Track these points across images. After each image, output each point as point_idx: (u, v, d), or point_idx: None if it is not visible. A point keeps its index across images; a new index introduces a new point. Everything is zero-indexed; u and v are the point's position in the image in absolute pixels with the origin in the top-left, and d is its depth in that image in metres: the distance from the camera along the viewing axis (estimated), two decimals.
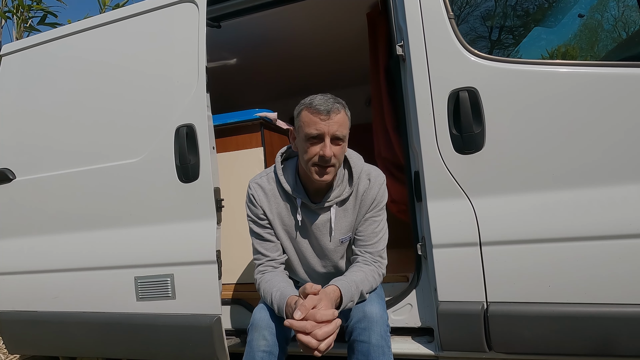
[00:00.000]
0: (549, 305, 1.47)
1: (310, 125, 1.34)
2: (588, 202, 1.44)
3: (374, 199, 1.50)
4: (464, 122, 1.55)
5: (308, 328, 1.14)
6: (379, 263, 1.50)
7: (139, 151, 2.00)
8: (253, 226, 1.55)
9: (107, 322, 2.02)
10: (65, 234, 2.15)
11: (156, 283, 1.93)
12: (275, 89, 3.73)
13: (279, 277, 1.47)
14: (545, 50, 1.68)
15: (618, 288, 1.42)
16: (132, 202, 2.01)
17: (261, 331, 1.33)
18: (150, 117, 1.99)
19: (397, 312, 1.79)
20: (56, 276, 2.15)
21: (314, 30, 2.64)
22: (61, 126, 2.18)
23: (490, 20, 1.71)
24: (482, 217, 1.55)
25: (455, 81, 1.58)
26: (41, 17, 6.08)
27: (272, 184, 1.52)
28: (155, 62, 2.01)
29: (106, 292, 2.03)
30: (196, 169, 1.87)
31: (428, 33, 1.63)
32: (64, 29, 2.27)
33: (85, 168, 2.11)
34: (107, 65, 2.10)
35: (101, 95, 2.10)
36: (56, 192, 2.17)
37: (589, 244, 1.44)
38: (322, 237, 1.52)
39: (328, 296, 1.25)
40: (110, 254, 2.04)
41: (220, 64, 2.98)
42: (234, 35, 2.57)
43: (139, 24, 2.08)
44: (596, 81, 1.45)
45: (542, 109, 1.49)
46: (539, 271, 1.48)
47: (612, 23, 1.65)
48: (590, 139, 1.45)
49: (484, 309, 1.54)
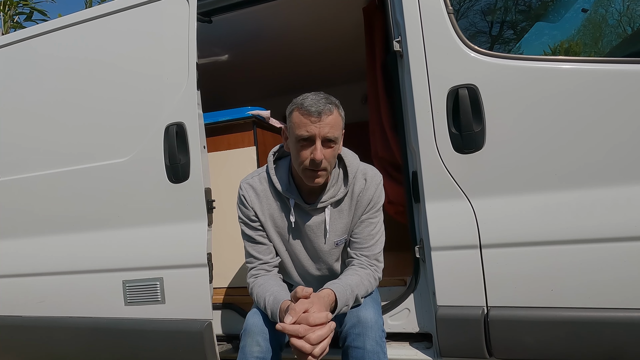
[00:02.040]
0: (552, 310, 1.46)
1: (300, 127, 1.33)
2: (591, 203, 1.43)
3: (370, 200, 1.48)
4: (464, 121, 1.54)
5: (301, 332, 1.12)
6: (375, 267, 1.49)
7: (127, 151, 1.98)
8: (245, 228, 1.53)
9: (94, 327, 2.00)
10: (51, 236, 2.14)
11: (145, 287, 1.91)
12: (268, 86, 3.72)
13: (273, 281, 1.45)
14: (548, 46, 1.69)
15: (623, 292, 1.40)
16: (120, 203, 1.99)
17: (254, 337, 1.31)
18: (139, 115, 1.97)
19: (395, 317, 1.78)
20: (42, 280, 2.13)
21: (308, 25, 2.62)
22: (46, 125, 2.15)
23: (490, 15, 1.72)
24: (482, 219, 1.53)
25: (454, 78, 1.56)
26: (27, 15, 6.01)
27: (264, 184, 1.51)
28: (144, 58, 1.98)
29: (93, 297, 2.02)
30: (186, 168, 1.85)
31: (426, 28, 1.61)
32: (48, 25, 2.24)
33: (71, 168, 2.09)
34: (93, 62, 2.08)
35: (88, 93, 2.08)
36: (41, 193, 2.15)
37: (592, 246, 1.42)
38: (316, 239, 1.51)
39: (321, 299, 1.23)
40: (97, 257, 2.02)
41: (211, 60, 2.96)
42: (225, 30, 2.55)
43: (126, 20, 2.05)
44: (600, 78, 1.43)
45: (544, 107, 1.48)
46: (541, 275, 1.47)
47: (616, 18, 1.65)
48: (593, 138, 1.44)
49: (484, 313, 1.53)
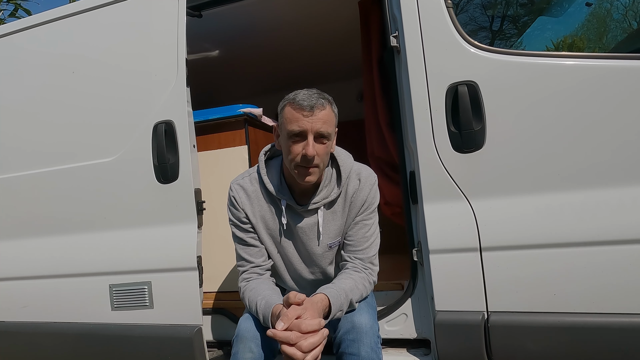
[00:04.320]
0: (555, 315, 1.44)
1: (292, 122, 1.31)
2: (596, 205, 1.40)
3: (365, 201, 1.46)
4: (463, 119, 1.52)
5: (292, 339, 1.10)
6: (370, 270, 1.47)
7: (113, 150, 1.95)
8: (235, 230, 1.51)
9: (80, 333, 1.98)
10: (35, 239, 2.11)
11: (132, 291, 1.89)
12: (260, 83, 3.71)
13: (265, 285, 1.43)
14: (551, 41, 1.67)
15: (629, 297, 1.37)
16: (107, 205, 1.97)
17: (247, 343, 1.29)
18: (126, 113, 1.94)
19: (391, 323, 1.76)
20: (25, 284, 2.11)
21: (302, 20, 2.60)
22: (30, 123, 2.14)
23: (491, 9, 1.71)
24: (482, 221, 1.51)
25: (453, 75, 1.54)
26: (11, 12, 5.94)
27: (255, 185, 1.48)
28: (132, 54, 1.96)
29: (79, 301, 1.99)
30: (175, 168, 1.83)
31: (424, 23, 1.59)
32: (31, 19, 2.22)
33: (55, 168, 2.06)
34: (79, 58, 2.06)
35: (73, 91, 2.05)
36: (24, 194, 2.13)
37: (597, 249, 1.40)
38: (309, 241, 1.48)
39: (314, 305, 1.21)
40: (83, 260, 1.99)
41: (201, 56, 2.94)
42: (216, 25, 2.52)
43: (113, 14, 2.03)
44: (605, 75, 1.41)
45: (547, 105, 1.45)
46: (543, 279, 1.45)
47: (621, 12, 1.65)
48: (598, 137, 1.41)
49: (484, 319, 1.51)
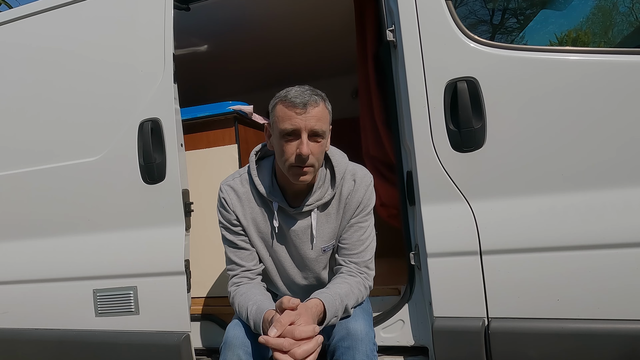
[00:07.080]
0: (558, 321, 1.41)
1: (285, 120, 1.28)
2: (601, 206, 1.38)
3: (360, 202, 1.43)
4: (463, 117, 1.49)
5: (285, 346, 1.07)
6: (366, 274, 1.44)
7: (97, 149, 1.91)
8: (225, 233, 1.47)
9: (62, 340, 1.93)
10: (16, 242, 2.06)
11: (117, 296, 1.85)
12: (251, 80, 3.68)
13: (256, 290, 1.40)
14: (554, 35, 1.67)
15: (634, 302, 1.35)
16: (90, 206, 1.92)
17: (235, 350, 1.26)
18: (111, 110, 1.90)
19: (388, 329, 1.73)
20: (5, 289, 2.06)
21: (294, 13, 2.56)
22: (9, 121, 2.08)
23: (492, 2, 1.69)
24: (482, 223, 1.49)
25: (452, 70, 1.52)
26: None
27: (245, 186, 1.45)
28: (117, 49, 1.92)
29: (61, 307, 1.94)
30: (162, 168, 1.80)
31: (422, 16, 1.56)
32: (13, 12, 2.16)
33: (36, 168, 2.02)
34: (61, 53, 2.01)
35: (55, 87, 2.01)
36: (4, 195, 2.08)
37: (602, 252, 1.37)
38: (302, 245, 1.45)
39: (308, 311, 1.18)
40: (65, 264, 1.95)
41: (189, 51, 2.91)
42: (205, 19, 2.49)
43: (97, 5, 1.98)
44: (610, 70, 1.38)
45: (550, 102, 1.43)
46: (546, 283, 1.42)
47: (628, 5, 1.64)
48: (603, 136, 1.39)
49: (484, 325, 1.48)
